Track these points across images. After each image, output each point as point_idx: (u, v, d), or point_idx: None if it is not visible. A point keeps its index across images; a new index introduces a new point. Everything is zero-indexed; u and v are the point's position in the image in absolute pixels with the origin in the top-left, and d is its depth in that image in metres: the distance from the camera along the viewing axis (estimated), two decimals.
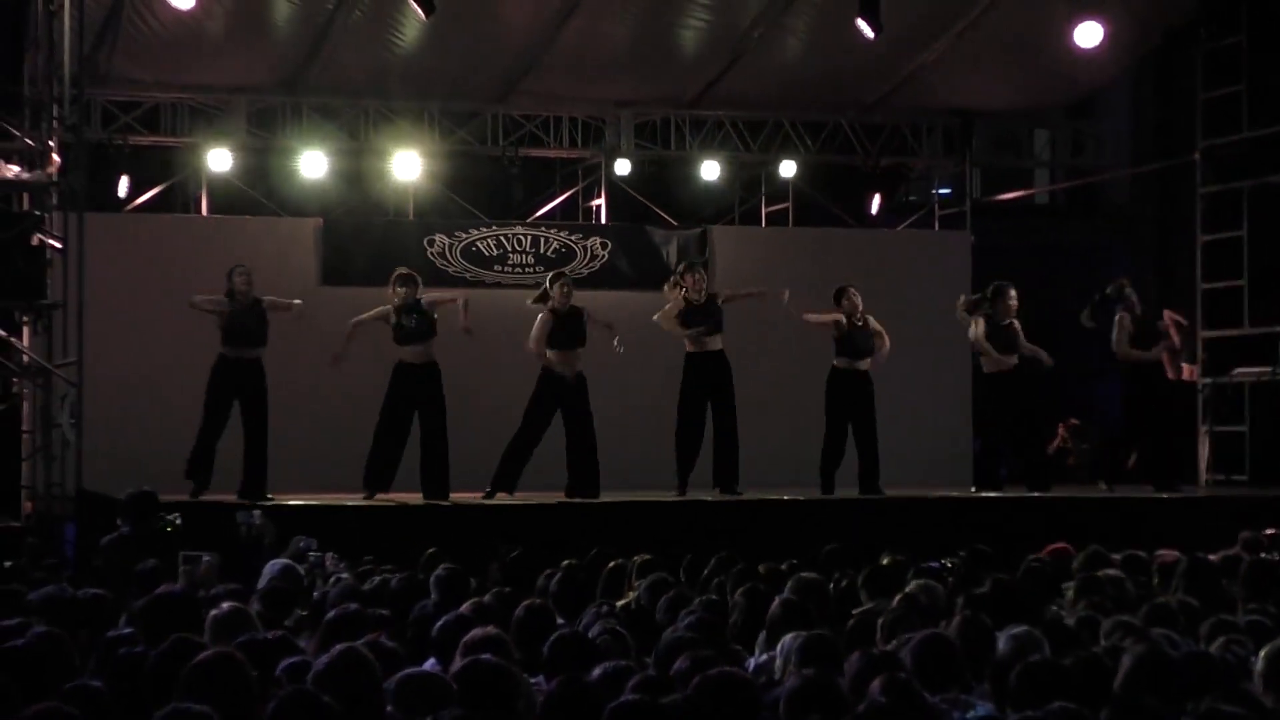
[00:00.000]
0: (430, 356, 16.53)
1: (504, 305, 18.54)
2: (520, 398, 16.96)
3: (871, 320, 17.32)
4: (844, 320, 17.19)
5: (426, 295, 16.74)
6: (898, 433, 18.06)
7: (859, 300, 17.28)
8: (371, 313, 16.61)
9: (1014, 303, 17.67)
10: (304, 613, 9.50)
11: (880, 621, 8.40)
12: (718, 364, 16.96)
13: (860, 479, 17.19)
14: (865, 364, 17.29)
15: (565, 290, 16.70)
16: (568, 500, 16.35)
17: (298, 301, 16.73)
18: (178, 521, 12.97)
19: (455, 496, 16.37)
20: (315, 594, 10.13)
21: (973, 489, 17.81)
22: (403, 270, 16.86)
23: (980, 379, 18.45)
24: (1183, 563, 10.34)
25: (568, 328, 16.64)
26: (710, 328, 16.90)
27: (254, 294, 16.43)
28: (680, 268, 17.36)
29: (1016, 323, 17.69)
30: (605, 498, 16.41)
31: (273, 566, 10.92)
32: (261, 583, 10.46)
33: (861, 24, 17.57)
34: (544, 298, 16.75)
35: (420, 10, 16.89)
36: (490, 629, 7.23)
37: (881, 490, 17.08)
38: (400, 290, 16.52)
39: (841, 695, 6.23)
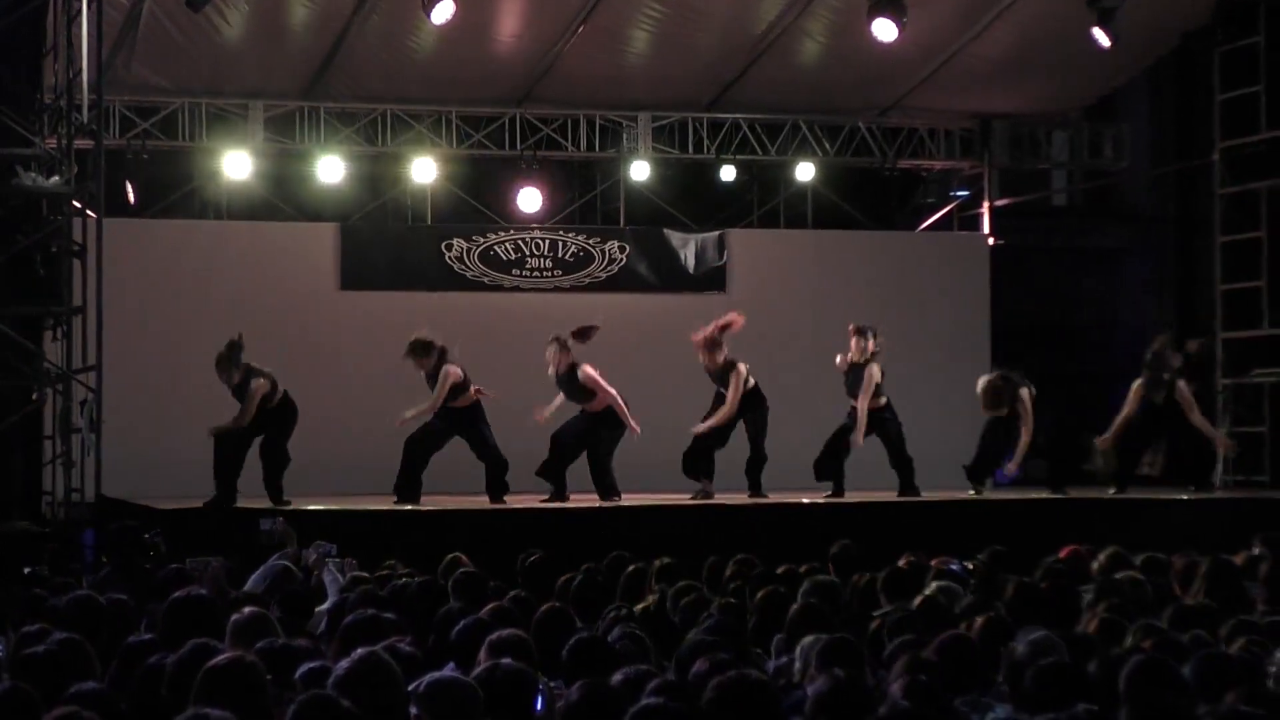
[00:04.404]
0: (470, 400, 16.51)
1: (522, 309, 18.55)
2: (540, 400, 16.99)
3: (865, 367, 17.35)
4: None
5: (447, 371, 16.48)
6: (914, 434, 18.02)
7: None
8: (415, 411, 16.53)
9: None
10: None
11: (885, 624, 8.42)
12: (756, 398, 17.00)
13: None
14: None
15: (551, 354, 16.64)
16: (586, 505, 16.36)
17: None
18: (160, 543, 12.90)
19: (472, 500, 16.39)
20: (333, 599, 10.13)
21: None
22: (417, 338, 16.63)
23: None
24: (1205, 564, 10.33)
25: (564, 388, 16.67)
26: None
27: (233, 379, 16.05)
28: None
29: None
30: (625, 501, 16.41)
31: (269, 569, 10.93)
32: (259, 586, 10.48)
33: (882, 22, 17.39)
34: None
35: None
36: (513, 631, 7.23)
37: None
38: (421, 360, 16.46)
39: (869, 697, 6.24)
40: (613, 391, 16.55)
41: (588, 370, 16.55)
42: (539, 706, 6.50)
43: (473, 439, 16.59)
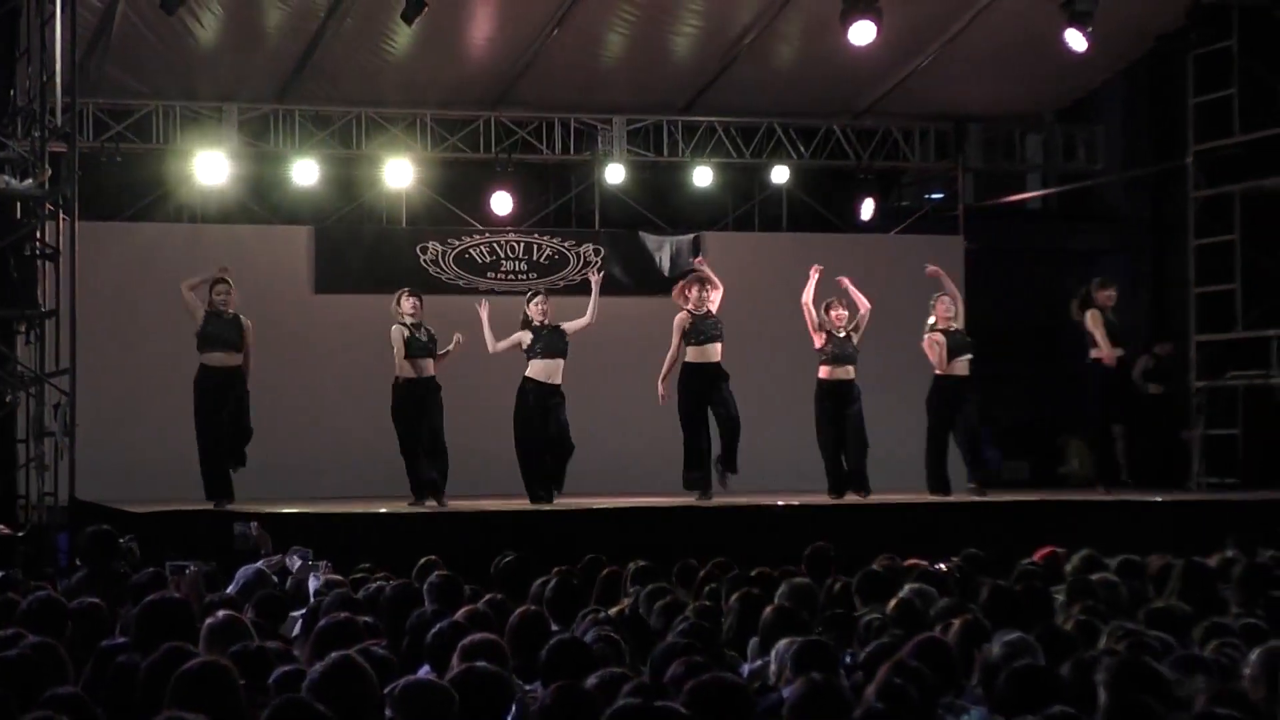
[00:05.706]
0: (433, 371, 16.49)
1: (497, 312, 18.49)
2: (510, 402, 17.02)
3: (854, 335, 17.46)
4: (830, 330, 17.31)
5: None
6: (889, 436, 18.05)
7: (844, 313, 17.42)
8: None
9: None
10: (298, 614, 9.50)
11: (864, 627, 8.43)
12: (715, 372, 16.92)
13: (851, 479, 17.33)
14: (849, 372, 17.38)
15: (542, 307, 16.68)
16: (561, 507, 16.33)
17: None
18: (135, 549, 12.84)
19: (448, 502, 16.35)
20: (311, 601, 10.12)
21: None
22: (409, 288, 16.76)
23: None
24: (1179, 567, 10.35)
25: (548, 340, 16.63)
26: (711, 338, 16.87)
27: (234, 311, 16.28)
28: (680, 282, 17.31)
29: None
30: (600, 504, 16.39)
31: (245, 572, 10.90)
32: (234, 589, 10.46)
33: (860, 24, 17.31)
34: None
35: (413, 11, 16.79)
36: (485, 635, 7.22)
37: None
38: (412, 302, 16.45)
39: (845, 701, 6.25)
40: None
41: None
42: (513, 710, 6.49)
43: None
